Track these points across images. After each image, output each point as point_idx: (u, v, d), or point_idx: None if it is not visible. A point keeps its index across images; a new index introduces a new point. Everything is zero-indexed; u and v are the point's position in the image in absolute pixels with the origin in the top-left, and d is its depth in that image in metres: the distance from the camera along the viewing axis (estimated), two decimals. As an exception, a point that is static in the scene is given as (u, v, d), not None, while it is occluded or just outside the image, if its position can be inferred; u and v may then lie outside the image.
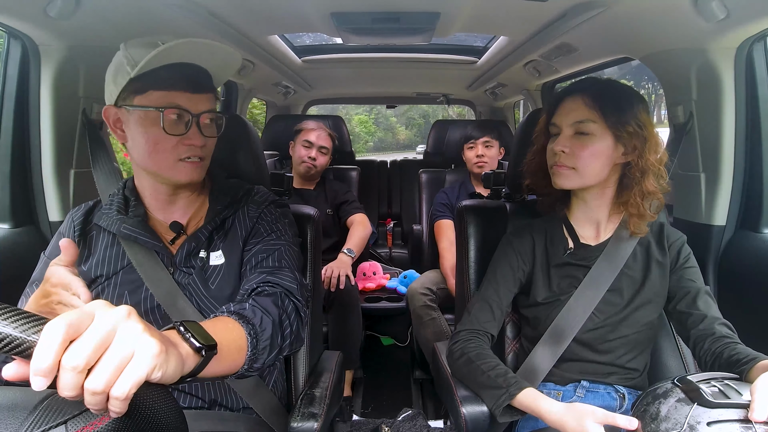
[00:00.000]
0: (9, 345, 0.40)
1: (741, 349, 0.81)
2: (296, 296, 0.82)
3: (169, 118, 0.80)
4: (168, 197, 0.88)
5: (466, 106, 3.62)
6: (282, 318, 0.76)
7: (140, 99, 0.79)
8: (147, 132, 0.80)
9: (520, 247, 1.01)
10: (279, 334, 0.74)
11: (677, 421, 0.63)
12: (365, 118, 29.87)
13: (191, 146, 0.82)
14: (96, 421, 0.45)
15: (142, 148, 0.82)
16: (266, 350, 0.70)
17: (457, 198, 2.01)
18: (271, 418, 0.89)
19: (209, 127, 0.85)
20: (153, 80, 0.78)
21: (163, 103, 0.79)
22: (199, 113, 0.82)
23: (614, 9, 1.10)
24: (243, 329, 0.67)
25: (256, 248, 0.88)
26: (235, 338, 0.65)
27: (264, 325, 0.71)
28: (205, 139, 0.84)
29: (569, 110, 0.92)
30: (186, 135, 0.81)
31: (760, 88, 1.18)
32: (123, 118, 0.83)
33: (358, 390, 2.02)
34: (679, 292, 0.94)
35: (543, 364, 0.95)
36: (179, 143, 0.81)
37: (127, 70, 0.78)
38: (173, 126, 0.80)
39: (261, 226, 0.91)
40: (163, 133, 0.79)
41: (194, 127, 0.81)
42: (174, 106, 0.79)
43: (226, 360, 0.61)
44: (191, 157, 0.83)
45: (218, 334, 0.57)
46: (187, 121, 0.81)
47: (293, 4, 1.26)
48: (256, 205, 0.94)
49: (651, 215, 0.93)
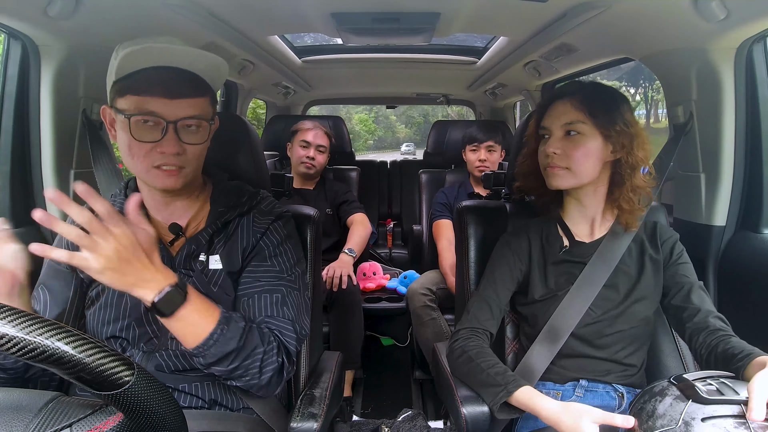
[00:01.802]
0: (9, 345, 0.40)
1: (735, 342, 0.83)
2: (287, 352, 0.83)
3: (139, 125, 0.77)
4: (163, 199, 0.87)
5: (465, 106, 3.62)
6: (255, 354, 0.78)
7: (120, 102, 0.78)
8: (122, 136, 0.79)
9: (516, 246, 1.03)
10: (243, 358, 0.76)
11: (673, 418, 0.63)
12: (365, 117, 29.88)
13: (164, 154, 0.78)
14: (100, 425, 0.46)
15: (122, 151, 0.81)
16: (217, 358, 0.75)
17: (456, 198, 2.01)
18: (271, 418, 0.89)
19: (192, 133, 0.81)
20: (131, 84, 0.77)
21: (137, 108, 0.77)
22: (177, 120, 0.78)
23: (614, 9, 1.10)
24: (218, 318, 0.75)
25: (257, 275, 0.87)
26: (207, 317, 0.74)
27: (234, 332, 0.75)
28: (184, 147, 0.80)
29: (559, 113, 0.95)
30: (159, 142, 0.78)
31: (760, 89, 1.18)
32: (115, 119, 0.82)
33: (358, 390, 2.02)
34: (674, 288, 0.96)
35: (540, 362, 0.96)
36: (152, 150, 0.78)
37: (114, 71, 0.78)
38: (144, 133, 0.77)
39: (265, 246, 0.90)
40: (133, 140, 0.77)
41: (170, 134, 0.78)
42: (146, 113, 0.77)
43: (188, 321, 0.72)
44: (166, 165, 0.79)
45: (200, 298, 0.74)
46: (162, 127, 0.78)
47: (293, 4, 1.26)
48: (262, 216, 0.92)
49: (641, 209, 0.97)
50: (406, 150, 27.65)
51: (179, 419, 0.48)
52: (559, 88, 1.03)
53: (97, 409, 0.50)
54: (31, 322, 0.42)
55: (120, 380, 0.44)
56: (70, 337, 0.43)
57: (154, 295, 0.68)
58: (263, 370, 0.79)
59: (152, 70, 0.77)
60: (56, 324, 0.43)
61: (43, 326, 0.42)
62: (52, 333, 0.42)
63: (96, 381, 0.43)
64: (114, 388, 0.44)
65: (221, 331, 0.74)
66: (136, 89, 0.77)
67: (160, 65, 0.78)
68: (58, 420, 0.47)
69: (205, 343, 0.73)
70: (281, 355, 0.81)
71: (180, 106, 0.79)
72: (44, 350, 0.41)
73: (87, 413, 0.47)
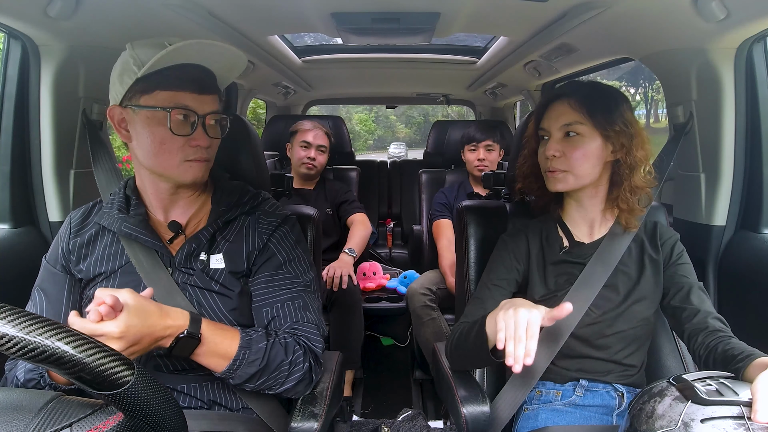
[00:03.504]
0: (9, 345, 0.40)
1: (735, 343, 0.82)
2: (314, 355, 0.87)
3: (176, 119, 0.80)
4: (169, 196, 0.88)
5: (465, 106, 3.61)
6: (281, 367, 0.81)
7: (147, 99, 0.80)
8: (153, 132, 0.80)
9: (514, 247, 1.03)
10: (269, 373, 0.80)
11: (672, 418, 0.63)
12: (365, 117, 29.91)
13: (197, 147, 0.82)
14: (100, 425, 0.46)
15: (147, 148, 0.82)
16: (243, 379, 0.79)
17: (455, 198, 2.01)
18: (270, 418, 0.89)
19: (214, 128, 0.86)
20: (160, 80, 0.79)
21: (170, 103, 0.79)
22: (205, 114, 0.82)
23: (614, 9, 1.10)
24: (238, 345, 0.78)
25: (276, 283, 0.88)
26: (226, 348, 0.77)
27: (256, 354, 0.79)
28: (210, 140, 0.84)
29: (557, 114, 0.95)
30: (192, 136, 0.81)
31: (760, 89, 1.18)
32: (128, 117, 0.83)
33: (358, 390, 2.02)
34: (673, 288, 0.96)
35: (540, 362, 0.96)
36: (185, 144, 0.82)
37: (134, 69, 0.78)
38: (179, 126, 0.80)
39: (278, 252, 0.91)
40: (170, 134, 0.80)
41: (200, 127, 0.82)
42: (181, 107, 0.80)
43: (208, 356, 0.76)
44: (198, 158, 0.83)
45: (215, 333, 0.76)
46: (193, 121, 0.81)
47: (293, 4, 1.26)
48: (267, 217, 0.93)
49: (640, 209, 0.97)
50: (394, 152, 22.27)
51: (179, 419, 0.48)
52: (557, 88, 1.02)
53: (97, 409, 0.50)
54: (31, 322, 0.42)
55: (120, 380, 0.44)
56: (70, 337, 0.43)
57: (169, 343, 0.73)
58: (290, 378, 0.83)
59: (180, 67, 0.80)
60: (56, 324, 0.43)
61: (43, 326, 0.42)
62: (52, 333, 0.42)
63: (96, 381, 0.43)
64: (114, 388, 0.44)
65: (243, 355, 0.78)
66: (167, 85, 0.79)
67: (189, 63, 0.81)
68: (58, 420, 0.47)
69: (230, 369, 0.77)
70: (308, 359, 0.85)
71: (207, 101, 0.83)
72: (44, 350, 0.41)
73: (87, 413, 0.47)
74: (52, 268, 0.89)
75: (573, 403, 0.96)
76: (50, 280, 0.88)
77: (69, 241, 0.89)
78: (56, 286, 0.88)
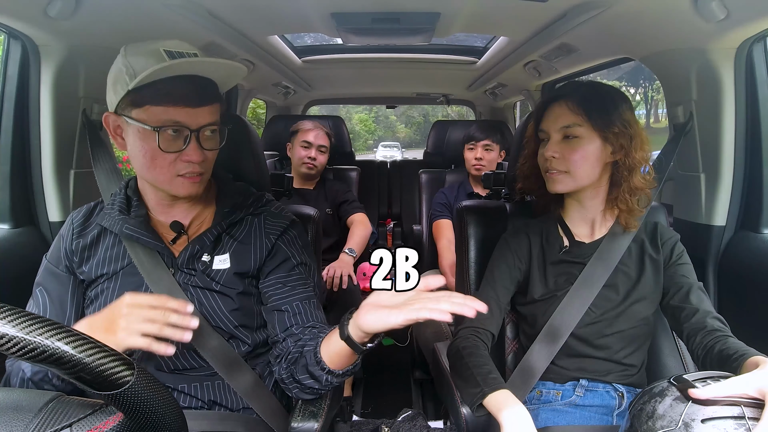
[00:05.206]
0: (9, 345, 0.40)
1: (732, 343, 0.82)
2: None
3: (166, 136, 0.77)
4: (170, 202, 0.88)
5: (465, 106, 3.61)
6: None
7: (138, 113, 0.77)
8: (143, 147, 0.79)
9: (516, 246, 1.03)
10: None
11: (672, 419, 0.63)
12: (365, 117, 29.90)
13: (189, 162, 0.80)
14: (100, 425, 0.46)
15: (140, 161, 0.80)
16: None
17: (455, 198, 2.01)
18: (271, 418, 0.89)
19: (210, 139, 0.83)
20: (151, 95, 0.76)
21: (161, 119, 0.77)
22: (199, 128, 0.79)
23: (614, 9, 1.10)
24: None
25: (291, 284, 0.89)
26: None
27: None
28: (205, 154, 0.81)
29: (556, 116, 0.95)
30: (184, 151, 0.79)
31: (760, 89, 1.18)
32: (123, 126, 0.82)
33: (358, 390, 2.02)
34: (673, 288, 0.96)
35: (540, 362, 0.96)
36: (177, 159, 0.79)
37: (126, 80, 0.76)
38: (170, 143, 0.78)
39: (290, 254, 0.91)
40: (159, 151, 0.78)
41: (193, 142, 0.79)
42: (171, 123, 0.77)
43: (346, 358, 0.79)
44: (191, 173, 0.81)
45: None
46: (186, 136, 0.79)
47: (293, 4, 1.26)
48: (274, 218, 0.93)
49: (639, 210, 0.97)
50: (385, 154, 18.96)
51: (179, 419, 0.48)
52: (556, 89, 1.02)
53: (97, 409, 0.50)
54: (31, 322, 0.41)
55: (120, 380, 0.44)
56: (70, 336, 0.43)
57: None
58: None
59: (172, 80, 0.76)
60: (56, 324, 0.43)
61: (43, 326, 0.41)
62: (52, 333, 0.42)
63: (96, 381, 0.43)
64: (114, 388, 0.44)
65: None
66: (158, 100, 0.76)
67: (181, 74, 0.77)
68: (58, 420, 0.47)
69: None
70: None
71: (201, 114, 0.79)
72: (44, 350, 0.41)
73: (87, 413, 0.47)
74: (55, 268, 0.89)
75: (573, 403, 0.96)
76: (53, 280, 0.88)
77: (72, 242, 0.88)
78: (60, 287, 0.88)
